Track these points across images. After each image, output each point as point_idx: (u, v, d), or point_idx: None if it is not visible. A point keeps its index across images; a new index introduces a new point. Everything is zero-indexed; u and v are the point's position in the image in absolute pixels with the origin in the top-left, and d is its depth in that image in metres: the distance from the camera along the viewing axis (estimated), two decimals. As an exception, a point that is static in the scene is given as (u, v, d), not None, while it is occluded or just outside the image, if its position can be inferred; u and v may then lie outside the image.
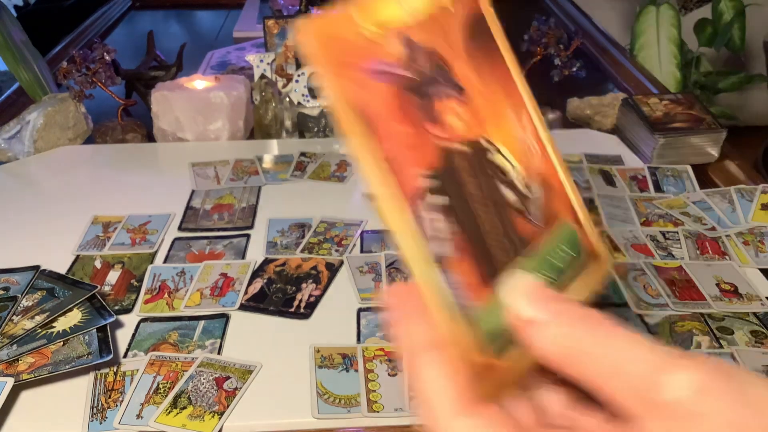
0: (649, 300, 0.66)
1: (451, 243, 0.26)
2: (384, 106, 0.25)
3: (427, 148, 0.26)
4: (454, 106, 0.27)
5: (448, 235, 0.26)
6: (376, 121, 0.25)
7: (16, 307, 0.63)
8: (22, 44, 1.04)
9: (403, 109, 0.26)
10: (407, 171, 0.25)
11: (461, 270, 0.26)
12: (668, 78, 1.83)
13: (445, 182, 0.26)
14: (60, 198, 0.87)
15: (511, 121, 0.29)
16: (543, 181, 0.29)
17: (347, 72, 0.25)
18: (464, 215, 0.26)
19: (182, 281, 0.70)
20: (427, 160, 0.26)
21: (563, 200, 0.30)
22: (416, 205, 0.25)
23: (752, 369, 0.58)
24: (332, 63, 0.24)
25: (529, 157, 0.29)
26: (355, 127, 0.24)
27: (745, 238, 0.76)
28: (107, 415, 0.54)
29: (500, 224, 0.27)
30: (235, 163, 0.93)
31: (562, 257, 0.29)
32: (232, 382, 0.57)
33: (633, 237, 0.76)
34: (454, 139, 0.27)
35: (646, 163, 0.92)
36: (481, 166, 0.27)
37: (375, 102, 0.25)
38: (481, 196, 0.27)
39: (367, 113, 0.25)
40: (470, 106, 0.28)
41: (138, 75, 1.20)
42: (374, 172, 0.24)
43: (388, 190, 0.25)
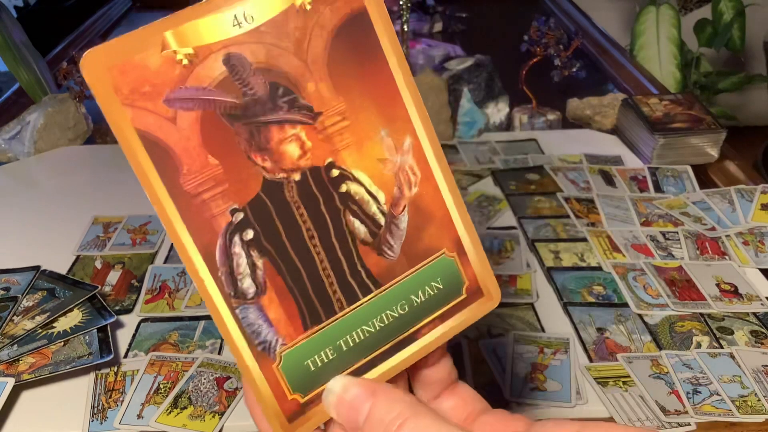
0: (649, 300, 0.66)
1: (260, 282, 0.24)
2: (191, 139, 0.23)
3: (245, 181, 0.24)
4: (292, 130, 0.24)
5: (257, 274, 0.24)
6: (178, 156, 0.23)
7: (16, 308, 0.63)
8: (22, 45, 1.04)
9: (217, 140, 0.23)
10: (213, 205, 0.24)
11: (273, 308, 0.25)
12: (668, 78, 1.84)
13: (256, 217, 0.24)
14: (60, 198, 0.87)
15: (379, 143, 0.25)
16: (417, 210, 0.26)
17: (144, 103, 0.22)
18: (278, 251, 0.25)
19: (183, 281, 0.70)
20: (242, 194, 0.24)
21: (445, 230, 0.27)
22: (219, 244, 0.24)
23: (752, 369, 0.58)
24: (122, 94, 0.22)
25: (400, 183, 0.26)
26: (142, 162, 0.23)
27: (745, 238, 0.76)
28: (108, 415, 0.54)
29: (339, 259, 0.26)
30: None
31: (428, 292, 0.27)
32: (233, 382, 0.57)
33: (633, 237, 0.76)
34: (286, 168, 0.24)
35: (646, 164, 0.92)
36: (319, 197, 0.25)
37: (178, 134, 0.23)
38: (307, 230, 0.25)
39: (163, 147, 0.23)
40: (319, 130, 0.25)
41: (138, 75, 1.20)
42: (161, 210, 0.23)
43: (174, 228, 0.23)
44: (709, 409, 0.54)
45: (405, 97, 0.25)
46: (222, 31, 0.23)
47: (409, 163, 0.26)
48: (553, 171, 0.89)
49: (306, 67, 0.24)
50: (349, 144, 0.25)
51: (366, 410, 0.23)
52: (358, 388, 0.24)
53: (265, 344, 0.25)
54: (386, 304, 0.26)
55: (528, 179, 0.88)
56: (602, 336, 0.62)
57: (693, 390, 0.56)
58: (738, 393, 0.56)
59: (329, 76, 0.24)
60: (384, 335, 0.26)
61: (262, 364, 0.25)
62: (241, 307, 0.24)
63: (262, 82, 0.23)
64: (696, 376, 0.57)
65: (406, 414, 0.23)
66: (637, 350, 0.61)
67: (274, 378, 0.25)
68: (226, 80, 0.23)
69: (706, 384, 0.57)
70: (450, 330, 0.27)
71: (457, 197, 0.27)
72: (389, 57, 0.25)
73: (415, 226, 0.26)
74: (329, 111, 0.25)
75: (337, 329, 0.26)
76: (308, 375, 0.25)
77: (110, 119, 0.22)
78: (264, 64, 0.23)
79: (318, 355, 0.25)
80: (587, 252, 0.74)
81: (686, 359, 0.59)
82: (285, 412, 0.25)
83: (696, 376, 0.57)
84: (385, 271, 0.26)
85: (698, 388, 0.56)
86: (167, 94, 0.22)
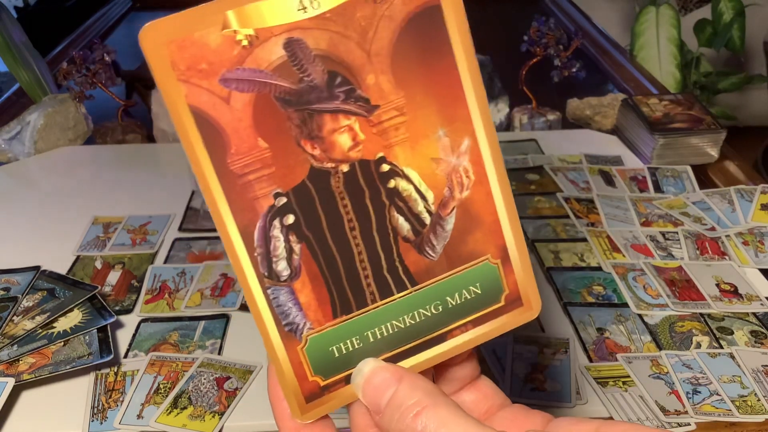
0: (648, 300, 0.66)
1: (295, 266, 0.25)
2: (243, 120, 0.23)
3: (291, 166, 0.24)
4: (346, 121, 0.24)
5: (293, 258, 0.25)
6: (228, 135, 0.23)
7: (16, 308, 0.63)
8: (22, 45, 1.05)
9: (268, 124, 0.23)
10: (257, 187, 0.24)
11: (305, 293, 0.25)
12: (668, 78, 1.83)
13: (299, 203, 0.24)
14: (60, 198, 0.87)
15: (435, 142, 0.25)
16: (465, 214, 0.26)
17: (200, 80, 0.22)
18: (317, 239, 0.25)
19: (183, 282, 0.70)
20: (288, 179, 0.24)
21: (492, 237, 0.26)
22: (259, 225, 0.24)
23: (752, 369, 0.58)
24: (179, 70, 0.22)
25: (452, 185, 0.26)
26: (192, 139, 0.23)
27: (745, 238, 0.76)
28: (108, 415, 0.54)
29: (378, 253, 0.25)
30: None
31: (465, 295, 0.26)
32: (233, 382, 0.57)
33: (633, 237, 0.76)
34: (335, 158, 0.24)
35: (645, 164, 0.92)
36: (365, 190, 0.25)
37: (231, 114, 0.23)
38: (349, 221, 0.25)
39: (215, 126, 0.23)
40: (374, 123, 0.24)
41: (138, 75, 1.20)
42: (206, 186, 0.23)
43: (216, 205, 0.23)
44: (708, 409, 0.54)
45: (469, 98, 0.25)
46: (286, 15, 0.22)
47: (464, 166, 0.25)
48: (553, 171, 0.89)
49: (368, 58, 0.24)
50: (403, 140, 0.25)
51: (389, 395, 0.24)
52: (386, 373, 0.25)
53: (292, 326, 0.25)
54: (420, 303, 0.26)
55: (528, 179, 0.88)
56: (602, 336, 0.62)
57: (693, 390, 0.56)
58: (738, 393, 0.56)
59: (391, 69, 0.24)
60: (413, 332, 0.26)
61: (287, 344, 0.25)
62: (273, 288, 0.25)
63: (320, 70, 0.23)
64: (696, 376, 0.57)
65: (424, 402, 0.23)
66: (636, 350, 0.61)
67: (297, 359, 0.25)
68: (284, 65, 0.23)
69: (706, 384, 0.57)
70: (482, 335, 0.27)
71: (510, 205, 0.26)
72: (458, 55, 0.24)
73: (461, 229, 0.26)
74: (387, 105, 0.24)
75: (367, 321, 0.26)
76: (331, 360, 0.26)
77: (165, 93, 0.22)
78: (325, 52, 0.23)
79: (344, 342, 0.26)
80: (587, 252, 0.74)
81: (686, 359, 0.59)
82: (304, 393, 0.26)
83: (696, 376, 0.57)
84: (424, 270, 0.26)
85: (698, 388, 0.56)
86: (224, 74, 0.22)
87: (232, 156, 0.23)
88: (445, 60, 0.24)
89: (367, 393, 0.25)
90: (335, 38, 0.23)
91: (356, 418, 0.26)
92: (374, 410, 0.24)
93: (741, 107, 2.42)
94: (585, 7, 1.62)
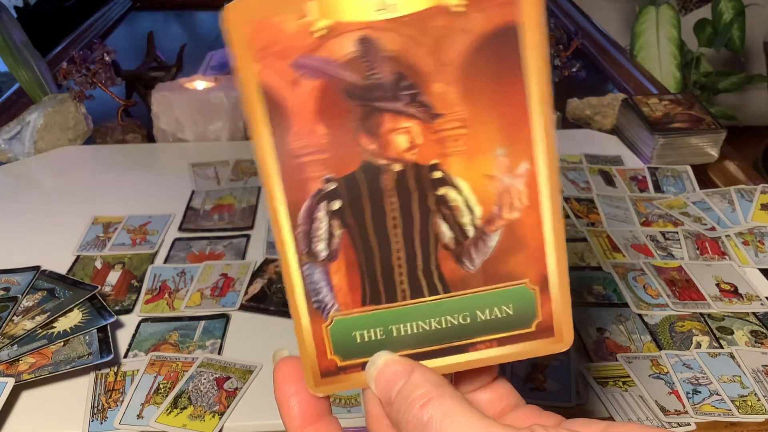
0: (648, 300, 0.66)
1: (335, 249, 0.26)
2: (307, 104, 0.24)
3: (345, 157, 0.25)
4: (406, 123, 0.24)
5: (333, 241, 0.25)
6: (291, 116, 0.24)
7: (16, 308, 0.63)
8: (22, 45, 1.04)
9: (330, 112, 0.24)
10: (310, 169, 0.25)
11: (338, 276, 0.26)
12: (668, 78, 1.84)
13: (347, 192, 0.25)
14: (60, 198, 0.87)
15: (493, 159, 0.25)
16: (511, 235, 0.26)
17: (273, 61, 0.23)
18: (359, 228, 0.26)
19: (183, 282, 0.70)
20: (340, 167, 0.25)
21: (535, 263, 0.26)
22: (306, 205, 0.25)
23: (752, 369, 0.58)
24: (255, 48, 0.23)
25: (502, 204, 0.25)
26: (258, 115, 0.24)
27: (745, 238, 0.76)
28: (108, 415, 0.54)
29: (416, 254, 0.26)
30: (235, 163, 0.93)
31: (495, 313, 0.26)
32: (233, 382, 0.57)
33: (633, 237, 0.76)
34: (390, 156, 0.25)
35: (645, 164, 0.92)
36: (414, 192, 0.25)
37: (297, 98, 0.24)
38: (393, 218, 0.25)
39: (281, 106, 0.24)
40: (434, 130, 0.25)
41: (138, 76, 1.20)
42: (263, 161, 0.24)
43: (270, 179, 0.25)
44: (708, 409, 0.54)
45: (535, 123, 0.25)
46: (364, 13, 0.23)
47: (518, 188, 0.25)
48: (553, 171, 0.89)
49: (438, 67, 0.24)
50: (460, 152, 0.25)
51: (399, 386, 0.24)
52: (399, 366, 0.25)
53: (321, 304, 0.26)
54: (449, 310, 0.26)
55: (528, 179, 0.88)
56: (602, 336, 0.62)
57: (693, 390, 0.56)
58: (738, 393, 0.56)
59: (460, 81, 0.24)
60: (437, 337, 0.27)
61: (313, 319, 0.26)
62: (309, 265, 0.26)
63: (389, 70, 0.24)
64: (696, 376, 0.57)
65: (432, 393, 0.23)
66: (637, 350, 0.61)
67: (320, 335, 0.26)
68: (354, 59, 0.23)
69: (706, 384, 0.57)
70: (505, 355, 0.27)
71: (559, 235, 0.26)
72: (528, 78, 0.24)
73: (503, 249, 0.26)
74: (450, 115, 0.24)
75: (393, 315, 0.26)
76: (352, 344, 0.26)
77: (240, 69, 0.23)
78: (396, 54, 0.24)
79: (367, 331, 0.26)
80: (587, 252, 0.74)
81: (686, 359, 0.59)
82: (321, 368, 0.27)
83: (696, 376, 0.57)
84: (459, 280, 0.26)
85: (698, 388, 0.56)
86: (296, 59, 0.23)
87: (293, 136, 0.24)
88: (514, 81, 0.24)
89: (379, 384, 0.25)
90: (408, 43, 0.24)
91: (370, 407, 0.27)
92: (385, 401, 0.25)
93: (741, 107, 2.42)
94: (585, 7, 1.62)
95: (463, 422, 0.22)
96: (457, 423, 0.22)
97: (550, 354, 0.27)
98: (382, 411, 0.26)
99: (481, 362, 0.27)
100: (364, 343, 0.26)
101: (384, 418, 0.26)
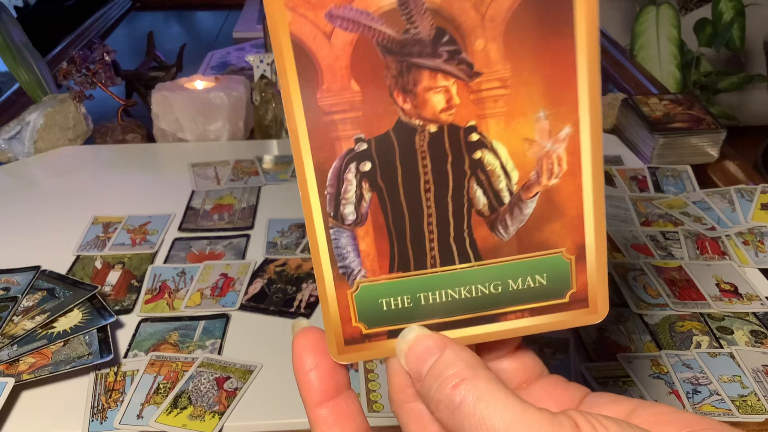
0: (648, 300, 0.66)
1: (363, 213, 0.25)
2: (340, 58, 0.23)
3: (379, 115, 0.23)
4: (444, 81, 0.23)
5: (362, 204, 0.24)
6: (323, 71, 0.23)
7: (16, 308, 0.63)
8: (22, 45, 1.05)
9: (364, 68, 0.23)
10: (341, 128, 0.23)
11: (366, 241, 0.25)
12: (668, 78, 1.84)
13: (378, 153, 0.24)
14: (60, 198, 0.87)
15: (533, 122, 0.24)
16: (548, 202, 0.25)
17: (306, 10, 0.22)
18: (389, 192, 0.24)
19: (182, 281, 0.70)
20: (373, 126, 0.24)
21: (572, 232, 0.25)
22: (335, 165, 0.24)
23: (752, 369, 0.58)
24: None
25: (541, 169, 0.24)
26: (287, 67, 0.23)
27: (745, 238, 0.76)
28: (108, 415, 0.54)
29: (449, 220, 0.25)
30: (235, 163, 0.93)
31: (528, 283, 0.26)
32: (233, 382, 0.57)
33: (633, 237, 0.76)
34: (425, 116, 0.24)
35: (645, 163, 0.92)
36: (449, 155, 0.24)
37: (329, 51, 0.23)
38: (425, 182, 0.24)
39: (312, 59, 0.23)
40: (472, 90, 0.23)
41: (138, 75, 1.20)
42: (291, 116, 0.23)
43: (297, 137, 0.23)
44: (708, 408, 0.54)
45: (581, 85, 0.23)
46: None
47: (559, 153, 0.24)
48: (553, 171, 0.89)
49: (482, 22, 0.23)
50: (499, 113, 0.24)
51: (431, 363, 0.24)
52: (430, 341, 0.24)
53: (347, 269, 0.25)
54: (480, 279, 0.25)
55: (528, 179, 0.88)
56: (602, 336, 0.62)
57: (693, 390, 0.56)
58: (738, 393, 0.56)
59: (503, 38, 0.23)
60: (467, 306, 0.26)
61: (338, 285, 0.25)
62: (336, 228, 0.25)
63: (429, 24, 0.23)
64: (696, 376, 0.57)
65: (465, 374, 0.23)
66: (637, 350, 0.61)
67: (345, 302, 0.25)
68: (393, 11, 0.22)
69: (706, 384, 0.57)
70: (538, 326, 0.26)
71: (600, 204, 0.25)
72: (579, 36, 0.23)
73: (540, 216, 0.25)
74: (491, 74, 0.23)
75: (421, 283, 0.25)
76: (378, 312, 0.26)
77: (270, 17, 0.22)
78: (438, 7, 0.22)
79: (394, 298, 0.25)
80: (587, 252, 0.73)
81: (686, 359, 0.59)
82: (345, 335, 0.26)
83: (696, 376, 0.57)
84: (491, 248, 0.25)
85: (698, 387, 0.56)
86: (331, 9, 0.22)
87: (323, 92, 0.23)
88: (563, 40, 0.23)
89: (410, 359, 0.25)
90: None
91: (394, 376, 0.26)
92: (416, 377, 0.24)
93: (741, 107, 2.42)
94: (585, 7, 1.62)
95: (499, 406, 0.21)
96: (492, 407, 0.21)
97: (583, 325, 0.26)
98: (406, 380, 0.25)
99: (512, 333, 0.26)
100: (391, 311, 0.25)
101: (408, 387, 0.25)
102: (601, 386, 0.56)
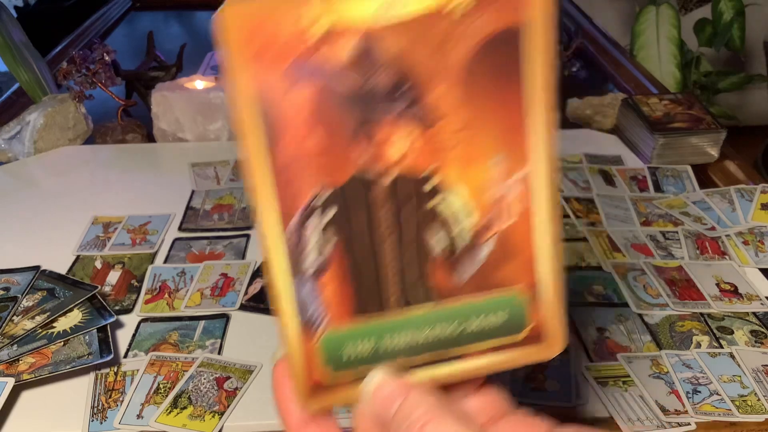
0: (649, 300, 0.66)
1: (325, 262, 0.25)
2: (300, 111, 0.23)
3: (341, 165, 0.24)
4: (402, 130, 0.24)
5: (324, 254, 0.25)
6: (283, 125, 0.23)
7: (16, 308, 0.63)
8: (22, 45, 1.05)
9: (325, 119, 0.23)
10: (302, 182, 0.24)
11: (330, 290, 0.25)
12: (668, 78, 1.84)
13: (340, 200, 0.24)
14: (60, 198, 0.87)
15: (489, 167, 0.25)
16: (503, 243, 0.26)
17: (266, 67, 0.22)
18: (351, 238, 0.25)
19: (182, 281, 0.70)
20: (335, 175, 0.24)
21: (525, 271, 0.26)
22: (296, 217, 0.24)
23: (752, 368, 0.58)
24: (250, 52, 0.22)
25: (495, 213, 0.25)
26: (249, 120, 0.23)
27: (745, 238, 0.76)
28: (108, 415, 0.54)
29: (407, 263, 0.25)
30: (235, 163, 0.93)
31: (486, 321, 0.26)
32: (233, 382, 0.57)
33: (633, 237, 0.76)
34: (383, 166, 0.24)
35: (645, 163, 0.92)
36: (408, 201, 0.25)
37: (289, 104, 0.23)
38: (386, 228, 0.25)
39: (272, 114, 0.23)
40: (431, 137, 0.24)
41: (138, 75, 1.20)
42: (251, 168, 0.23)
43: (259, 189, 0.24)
44: (708, 408, 0.54)
45: (532, 130, 0.24)
46: (365, 16, 0.22)
47: (512, 196, 0.25)
48: (553, 171, 0.89)
49: (439, 71, 0.23)
50: (456, 159, 0.24)
51: (396, 406, 0.24)
52: (395, 384, 0.25)
53: (311, 319, 0.25)
54: (441, 319, 0.26)
55: (528, 179, 0.88)
56: (602, 336, 0.62)
57: (693, 390, 0.56)
58: (738, 393, 0.56)
59: (460, 86, 0.24)
60: (430, 346, 0.26)
61: (303, 335, 0.25)
62: (299, 277, 0.25)
63: (386, 75, 0.23)
64: (696, 376, 0.57)
65: (430, 416, 0.23)
66: (637, 350, 0.61)
67: (310, 351, 0.26)
68: (353, 64, 0.23)
69: (706, 384, 0.57)
70: (498, 363, 0.27)
71: (556, 243, 0.26)
72: (528, 83, 0.24)
73: (496, 257, 0.26)
74: (448, 122, 0.24)
75: (385, 326, 0.26)
76: (344, 357, 0.26)
77: (233, 69, 0.22)
78: (397, 58, 0.23)
79: (360, 343, 0.26)
80: (587, 252, 0.74)
81: (686, 359, 0.59)
82: (311, 385, 0.26)
83: (696, 376, 0.57)
84: (449, 289, 0.26)
85: (698, 387, 0.56)
86: (293, 62, 0.22)
87: (286, 142, 0.23)
88: (512, 87, 0.24)
89: (375, 403, 0.25)
90: (410, 46, 0.23)
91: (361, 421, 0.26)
92: (382, 421, 0.25)
93: (741, 107, 2.42)
94: (585, 7, 1.62)
95: None
96: None
97: (540, 361, 0.27)
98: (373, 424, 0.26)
99: (475, 371, 0.27)
100: (356, 356, 0.26)
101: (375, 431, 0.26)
102: (601, 386, 0.56)
